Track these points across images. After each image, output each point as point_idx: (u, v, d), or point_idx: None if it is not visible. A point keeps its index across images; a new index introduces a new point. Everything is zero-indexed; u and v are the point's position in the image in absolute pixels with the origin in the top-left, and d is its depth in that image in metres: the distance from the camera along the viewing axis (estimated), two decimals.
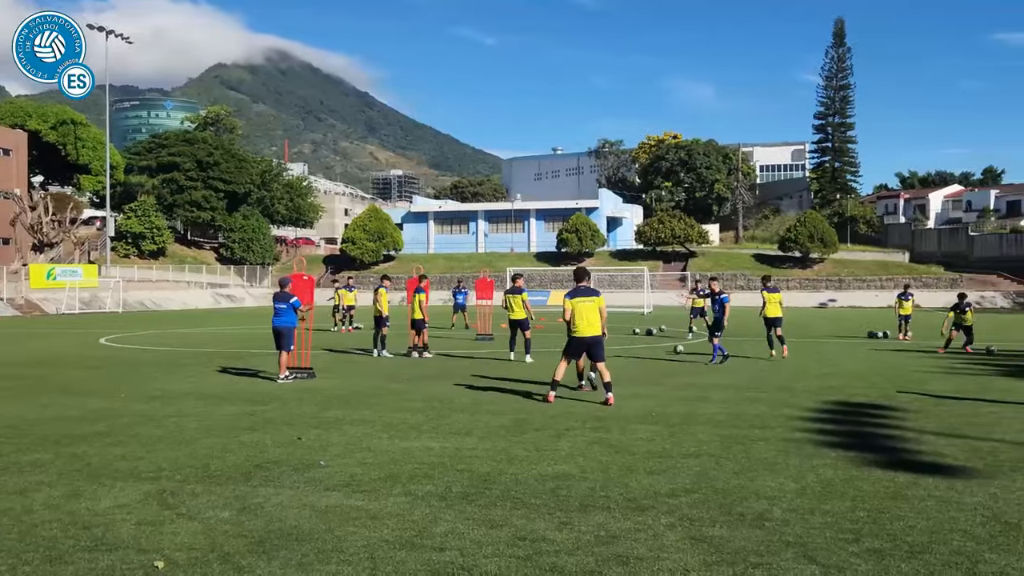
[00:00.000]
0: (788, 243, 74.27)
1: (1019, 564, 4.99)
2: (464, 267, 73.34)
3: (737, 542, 5.41)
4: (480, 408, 11.14)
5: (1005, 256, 73.78)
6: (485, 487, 6.84)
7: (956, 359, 19.23)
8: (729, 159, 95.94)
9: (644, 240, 77.04)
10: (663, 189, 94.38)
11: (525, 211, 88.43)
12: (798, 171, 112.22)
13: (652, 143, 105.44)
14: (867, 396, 12.50)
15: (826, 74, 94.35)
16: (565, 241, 76.45)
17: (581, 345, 11.80)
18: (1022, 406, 11.48)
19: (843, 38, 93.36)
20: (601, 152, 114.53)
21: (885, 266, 74.89)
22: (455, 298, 32.30)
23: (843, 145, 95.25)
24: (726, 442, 8.74)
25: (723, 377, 15.15)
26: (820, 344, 24.02)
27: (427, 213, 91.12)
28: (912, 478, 7.14)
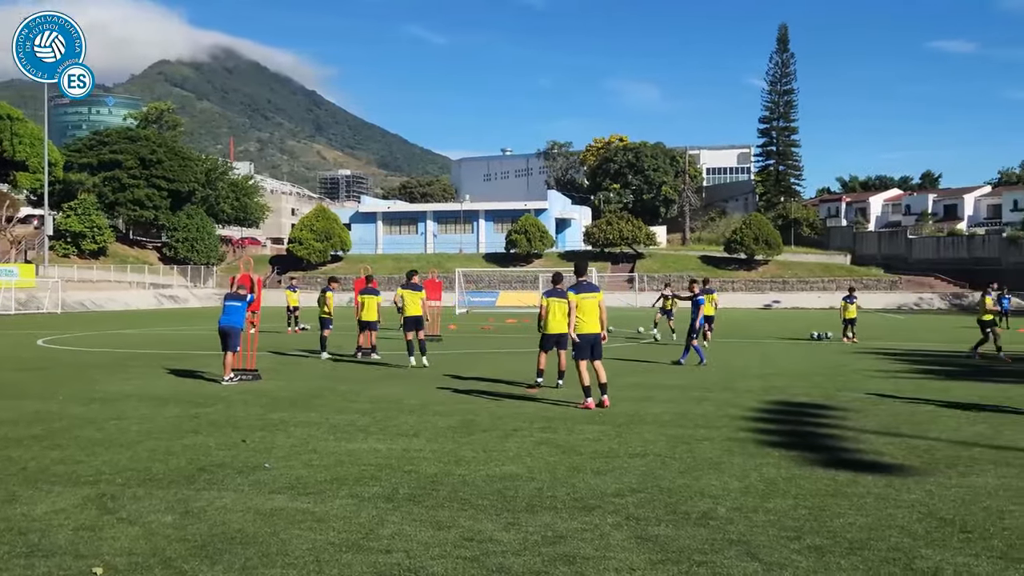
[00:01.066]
0: (734, 245, 75.39)
1: (954, 559, 5.12)
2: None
3: (682, 541, 5.47)
4: (428, 409, 11.10)
5: (942, 258, 75.85)
6: (432, 488, 6.82)
7: (894, 360, 19.69)
8: (676, 162, 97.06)
9: (592, 241, 77.56)
10: (611, 191, 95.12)
11: (474, 212, 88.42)
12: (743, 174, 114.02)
13: (600, 145, 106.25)
14: (809, 396, 12.74)
15: (771, 79, 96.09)
16: (514, 242, 76.61)
17: (574, 341, 11.65)
18: (958, 405, 11.79)
19: (787, 44, 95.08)
20: (550, 154, 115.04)
21: (827, 268, 76.41)
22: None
23: (787, 149, 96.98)
24: (672, 442, 8.84)
25: (669, 377, 15.31)
26: (764, 345, 24.42)
27: (375, 213, 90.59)
28: (852, 476, 7.29)
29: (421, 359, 16.77)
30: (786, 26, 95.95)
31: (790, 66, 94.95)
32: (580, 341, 11.55)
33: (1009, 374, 16.59)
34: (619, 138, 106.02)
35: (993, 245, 74.20)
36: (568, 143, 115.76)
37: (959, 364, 19.01)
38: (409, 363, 16.77)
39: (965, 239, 78.51)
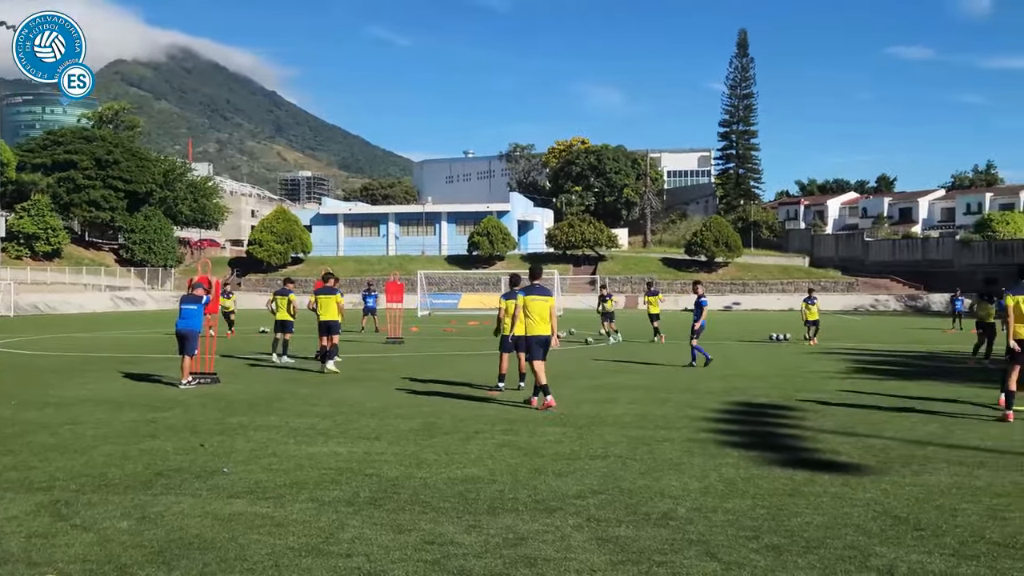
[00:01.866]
0: (694, 247, 75.99)
1: (907, 556, 5.21)
2: (374, 270, 72.69)
3: (642, 541, 5.51)
4: (389, 412, 11.05)
5: (897, 261, 77.13)
6: (393, 492, 6.79)
7: (851, 361, 19.98)
8: (638, 164, 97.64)
9: (555, 244, 77.72)
10: (573, 193, 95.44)
11: (436, 214, 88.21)
12: (704, 177, 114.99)
13: (562, 148, 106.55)
14: (768, 397, 12.89)
15: (730, 83, 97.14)
16: (476, 244, 76.54)
17: (523, 343, 11.94)
18: (912, 405, 12.00)
19: (746, 49, 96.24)
20: (512, 156, 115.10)
21: (786, 270, 77.31)
22: (365, 301, 31.98)
23: (747, 152, 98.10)
24: (633, 443, 8.89)
25: (630, 379, 15.40)
26: (724, 346, 24.64)
27: (337, 215, 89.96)
28: (809, 475, 7.39)
29: (329, 365, 16.08)
30: (746, 31, 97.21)
31: (750, 70, 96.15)
32: (531, 342, 11.76)
33: (960, 373, 16.91)
34: (581, 141, 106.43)
35: (947, 248, 75.60)
36: (530, 145, 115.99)
37: (914, 364, 19.35)
38: (325, 367, 16.40)
39: (920, 242, 79.92)
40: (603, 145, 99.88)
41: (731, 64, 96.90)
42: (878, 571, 4.95)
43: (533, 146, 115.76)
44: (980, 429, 9.93)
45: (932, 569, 4.99)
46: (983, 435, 9.51)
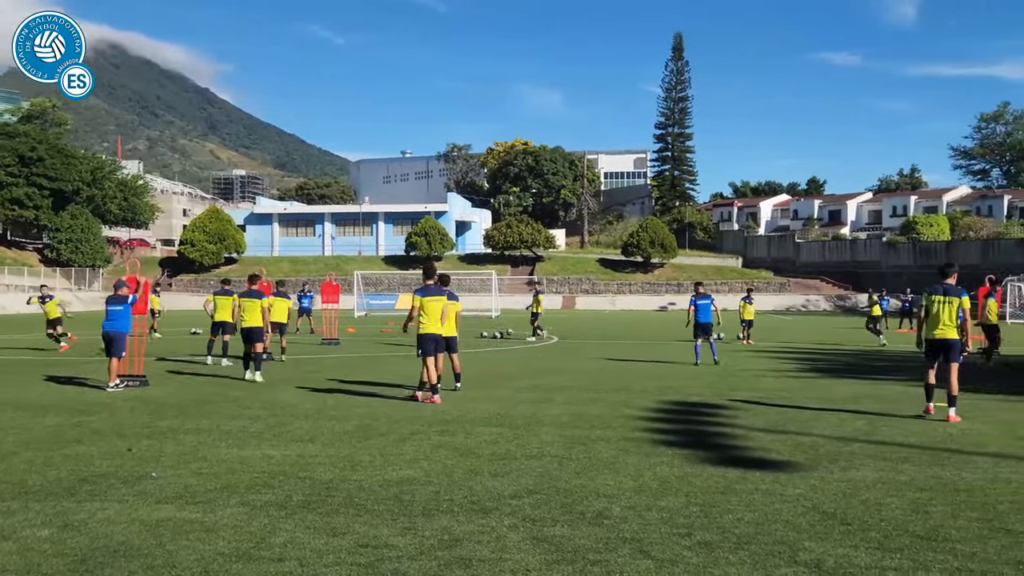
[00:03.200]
0: (631, 248, 76.79)
1: (834, 551, 5.33)
2: (310, 270, 71.86)
3: (577, 540, 5.53)
4: (324, 414, 10.92)
5: (827, 261, 79.06)
6: (327, 495, 6.70)
7: (783, 360, 20.40)
8: (575, 166, 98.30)
9: (493, 244, 77.80)
10: (511, 194, 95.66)
11: (373, 214, 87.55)
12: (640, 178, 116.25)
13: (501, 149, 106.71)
14: (701, 396, 13.07)
15: (666, 86, 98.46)
16: (414, 244, 76.21)
17: (437, 342, 12.21)
18: (840, 403, 12.30)
19: (682, 52, 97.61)
20: (450, 156, 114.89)
21: (720, 271, 78.59)
22: (300, 302, 31.54)
23: (682, 154, 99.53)
24: (569, 443, 8.93)
25: (566, 379, 15.48)
26: (659, 346, 24.95)
27: (271, 215, 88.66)
28: (741, 473, 7.51)
29: (255, 374, 14.99)
30: (681, 35, 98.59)
31: (684, 74, 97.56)
32: (423, 340, 12.10)
33: (886, 371, 17.37)
34: (520, 142, 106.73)
35: (874, 249, 77.74)
36: (468, 146, 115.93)
37: (842, 363, 19.83)
38: (206, 361, 16.93)
39: (848, 243, 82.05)
40: (541, 146, 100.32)
41: (667, 67, 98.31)
42: (806, 565, 5.05)
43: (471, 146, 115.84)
44: (904, 426, 10.21)
45: (858, 562, 5.11)
46: (907, 431, 9.78)
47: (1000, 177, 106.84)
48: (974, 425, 10.27)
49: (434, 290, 12.56)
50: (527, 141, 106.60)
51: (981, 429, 9.99)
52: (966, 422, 10.46)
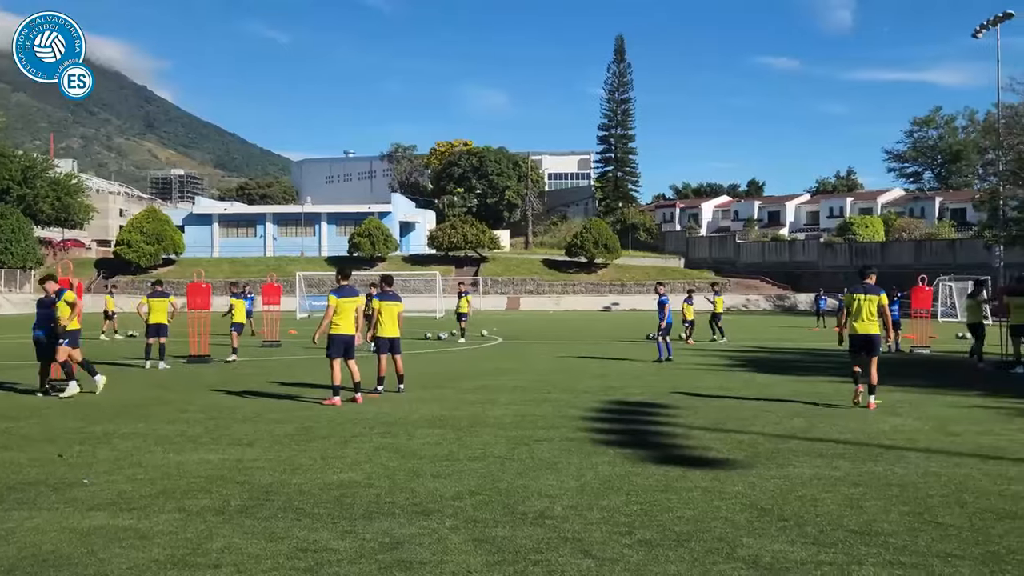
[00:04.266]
0: (575, 249, 77.18)
1: (771, 546, 5.41)
2: (251, 271, 70.80)
3: (519, 541, 5.53)
4: (263, 417, 10.76)
5: (767, 262, 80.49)
6: (266, 499, 6.60)
7: (723, 359, 20.69)
8: (519, 166, 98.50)
9: (437, 245, 77.54)
10: (455, 195, 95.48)
11: (316, 214, 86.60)
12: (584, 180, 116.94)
13: (445, 149, 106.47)
14: (643, 395, 13.19)
15: (609, 88, 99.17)
16: (357, 245, 75.57)
17: (347, 345, 12.41)
18: (779, 401, 12.52)
19: (624, 55, 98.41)
20: (394, 156, 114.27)
21: (663, 271, 79.38)
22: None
23: (625, 156, 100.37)
24: (511, 443, 8.93)
25: (510, 380, 15.49)
26: (602, 346, 25.12)
27: (211, 215, 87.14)
28: (681, 471, 7.59)
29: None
30: (623, 38, 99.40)
31: (627, 76, 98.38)
32: (334, 342, 12.21)
33: (823, 369, 17.72)
34: (464, 142, 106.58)
35: (812, 250, 79.35)
36: (412, 146, 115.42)
37: (781, 361, 20.18)
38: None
39: (787, 244, 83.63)
40: (485, 147, 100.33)
41: (609, 70, 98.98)
42: (744, 561, 5.12)
43: (415, 147, 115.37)
44: (840, 423, 10.43)
45: (794, 557, 5.19)
46: (843, 428, 9.99)
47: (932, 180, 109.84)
48: (906, 421, 10.54)
49: (348, 290, 12.54)
50: (470, 141, 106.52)
51: (913, 425, 10.25)
52: (898, 418, 10.74)
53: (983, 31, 50.10)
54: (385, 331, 13.17)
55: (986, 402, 12.54)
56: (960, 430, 9.89)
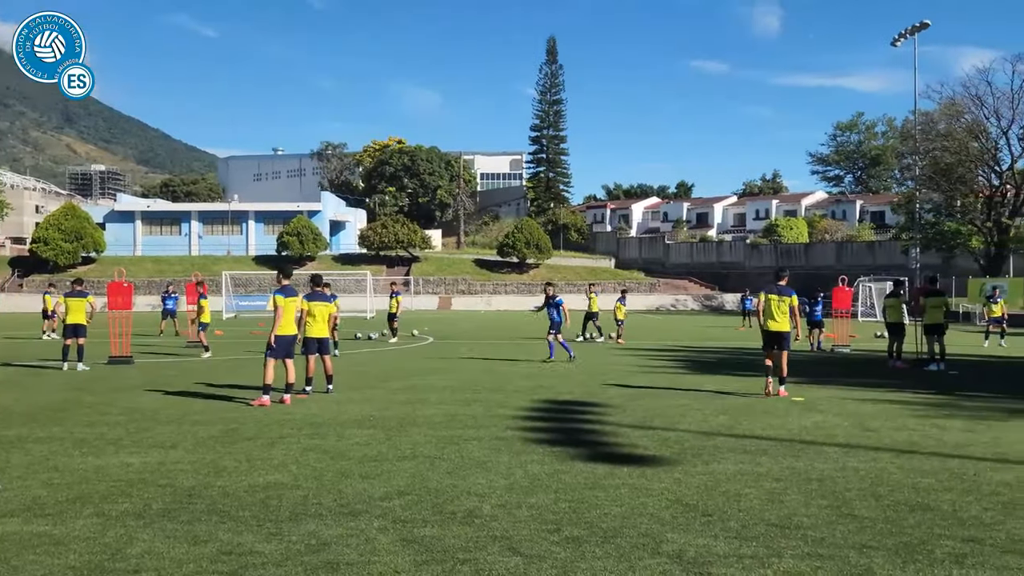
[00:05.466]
0: (506, 249, 77.38)
1: (695, 541, 5.51)
2: (175, 270, 69.26)
3: (447, 540, 5.52)
4: (188, 419, 10.53)
5: (695, 263, 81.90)
6: (189, 502, 6.46)
7: (652, 358, 20.98)
8: (451, 166, 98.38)
9: (368, 244, 76.91)
10: (387, 194, 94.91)
11: (243, 212, 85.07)
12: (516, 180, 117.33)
13: (376, 147, 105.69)
14: (572, 394, 13.29)
15: (541, 89, 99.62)
16: (286, 244, 74.47)
17: (286, 344, 12.37)
18: (705, 399, 12.76)
19: (556, 56, 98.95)
20: (324, 155, 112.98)
21: (594, 271, 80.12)
22: (164, 303, 30.40)
23: (557, 157, 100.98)
24: (441, 443, 8.91)
25: (441, 379, 15.45)
26: (533, 345, 25.21)
27: (134, 212, 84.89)
28: (609, 469, 7.67)
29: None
30: (555, 39, 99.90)
31: (559, 77, 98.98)
32: (279, 342, 12.22)
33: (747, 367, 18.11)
34: (396, 141, 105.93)
35: (738, 250, 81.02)
36: (343, 144, 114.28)
37: (707, 360, 20.56)
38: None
39: (715, 245, 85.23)
40: (417, 146, 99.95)
41: (541, 71, 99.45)
42: (668, 556, 5.21)
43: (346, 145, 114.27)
44: (764, 419, 10.67)
45: (717, 551, 5.30)
46: (766, 425, 10.23)
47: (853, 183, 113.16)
48: (827, 418, 10.84)
49: (291, 290, 12.61)
50: (402, 140, 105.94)
51: (833, 421, 10.55)
52: (819, 415, 11.04)
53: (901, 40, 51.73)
54: (313, 332, 13.02)
55: (902, 398, 12.98)
56: (877, 425, 10.21)
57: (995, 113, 50.79)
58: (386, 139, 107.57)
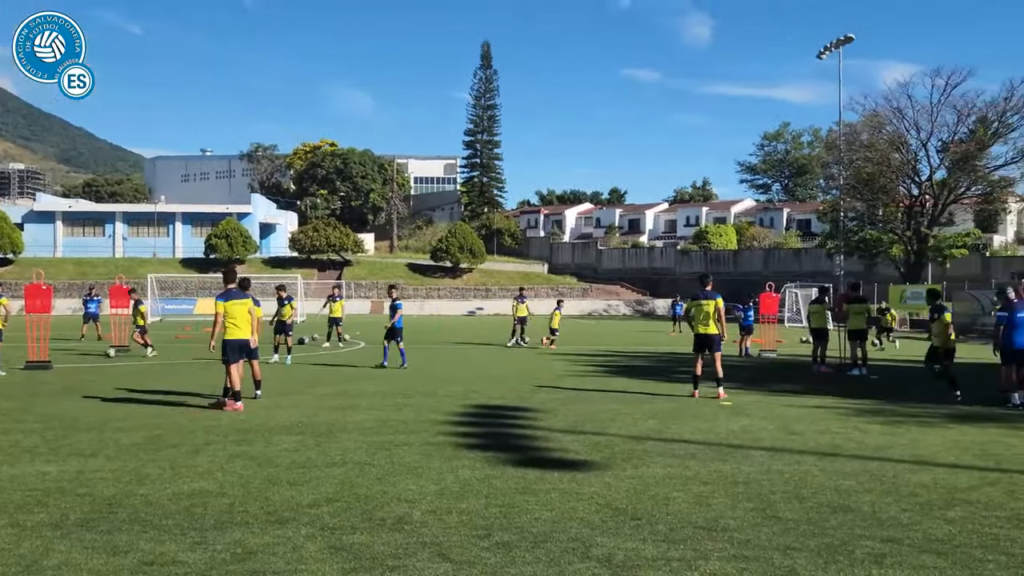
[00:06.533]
0: (440, 253, 77.15)
1: (624, 544, 5.56)
2: (98, 273, 67.28)
3: (376, 547, 5.47)
4: (109, 426, 10.23)
5: (627, 268, 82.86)
6: (109, 511, 6.28)
7: (584, 363, 21.12)
8: (384, 170, 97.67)
9: (299, 248, 75.87)
10: (319, 197, 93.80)
11: (170, 214, 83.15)
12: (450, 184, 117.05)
13: (308, 149, 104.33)
14: (504, 399, 13.30)
15: (476, 94, 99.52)
16: (214, 247, 73.02)
17: (243, 348, 12.15)
18: (635, 402, 12.89)
19: (490, 61, 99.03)
20: (254, 156, 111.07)
21: (527, 276, 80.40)
22: (86, 307, 29.53)
23: (490, 161, 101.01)
24: (372, 448, 8.83)
25: (373, 384, 15.32)
26: (466, 350, 25.20)
27: (54, 212, 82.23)
28: (540, 473, 7.69)
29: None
30: (489, 44, 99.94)
31: (493, 82, 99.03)
32: (230, 347, 12.00)
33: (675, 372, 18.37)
34: (328, 143, 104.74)
35: (669, 256, 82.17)
36: (273, 146, 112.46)
37: (638, 365, 20.78)
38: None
39: (646, 251, 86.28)
40: (350, 149, 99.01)
41: (476, 76, 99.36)
42: (598, 560, 5.24)
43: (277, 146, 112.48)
44: (692, 423, 10.83)
45: (645, 554, 5.35)
46: (694, 429, 10.38)
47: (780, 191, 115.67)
48: (753, 421, 11.05)
49: (236, 294, 12.30)
50: (335, 143, 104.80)
51: (759, 425, 10.76)
52: (746, 419, 11.24)
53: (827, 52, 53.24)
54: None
55: (825, 402, 13.31)
56: (801, 429, 10.45)
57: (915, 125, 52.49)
58: (318, 141, 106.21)
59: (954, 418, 11.74)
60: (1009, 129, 51.37)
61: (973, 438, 9.99)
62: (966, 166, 51.73)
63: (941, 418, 11.74)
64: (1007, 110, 50.52)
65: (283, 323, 20.91)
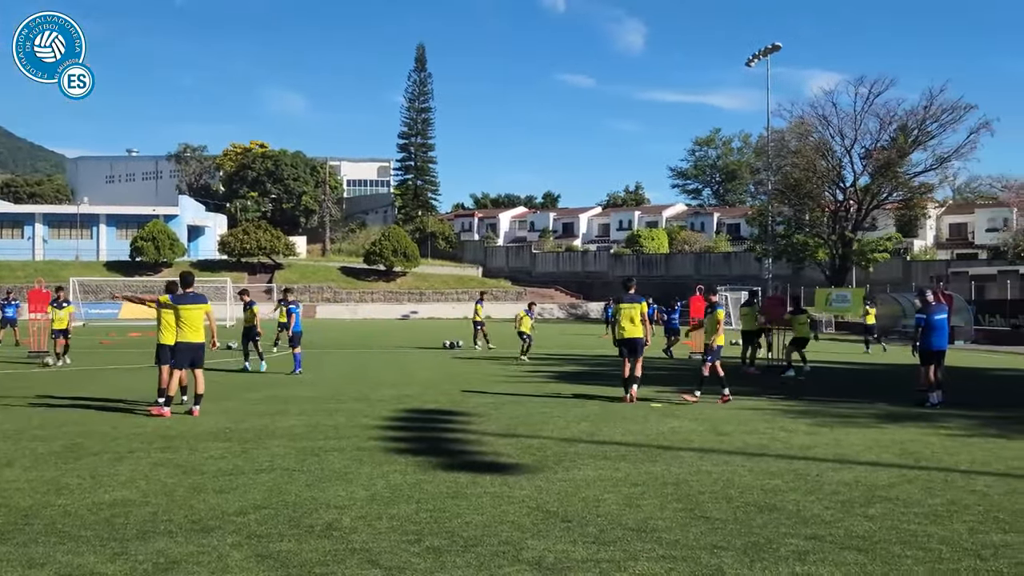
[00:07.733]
0: (373, 257, 76.53)
1: (555, 547, 5.57)
2: (16, 276, 65.05)
3: (304, 554, 5.38)
4: (25, 434, 9.88)
5: (561, 272, 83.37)
6: (25, 523, 6.06)
7: (517, 366, 21.17)
8: (317, 172, 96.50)
9: (228, 251, 74.48)
10: (249, 199, 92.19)
11: (94, 216, 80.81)
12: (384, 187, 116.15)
13: (238, 151, 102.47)
14: (437, 403, 13.25)
15: (410, 97, 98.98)
16: (140, 249, 71.23)
17: (191, 352, 11.91)
18: (567, 405, 12.96)
19: (425, 64, 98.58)
20: (182, 157, 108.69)
21: (461, 280, 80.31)
22: (3, 311, 28.55)
23: (425, 165, 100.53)
24: (301, 454, 8.70)
25: (303, 389, 15.11)
26: (400, 354, 25.04)
27: None
28: (472, 477, 7.67)
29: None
30: (423, 47, 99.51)
31: (428, 85, 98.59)
32: (180, 349, 11.81)
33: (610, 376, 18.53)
34: (259, 144, 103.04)
35: (602, 260, 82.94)
36: (202, 147, 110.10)
37: (571, 367, 20.91)
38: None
39: (580, 254, 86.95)
40: (281, 150, 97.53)
41: (410, 78, 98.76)
42: (528, 563, 5.24)
43: (206, 147, 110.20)
44: (623, 426, 10.93)
45: (575, 556, 5.37)
46: (625, 431, 10.48)
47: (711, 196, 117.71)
48: (683, 423, 11.20)
49: (194, 298, 12.16)
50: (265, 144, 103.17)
51: (689, 427, 10.91)
52: (676, 420, 11.40)
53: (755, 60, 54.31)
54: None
55: (753, 404, 13.59)
56: (730, 430, 10.63)
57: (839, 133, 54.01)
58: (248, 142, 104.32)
59: (876, 418, 12.08)
60: (928, 137, 53.25)
61: (893, 436, 10.29)
62: (888, 172, 53.41)
63: (865, 417, 12.07)
64: (927, 118, 52.35)
65: (251, 328, 19.78)
